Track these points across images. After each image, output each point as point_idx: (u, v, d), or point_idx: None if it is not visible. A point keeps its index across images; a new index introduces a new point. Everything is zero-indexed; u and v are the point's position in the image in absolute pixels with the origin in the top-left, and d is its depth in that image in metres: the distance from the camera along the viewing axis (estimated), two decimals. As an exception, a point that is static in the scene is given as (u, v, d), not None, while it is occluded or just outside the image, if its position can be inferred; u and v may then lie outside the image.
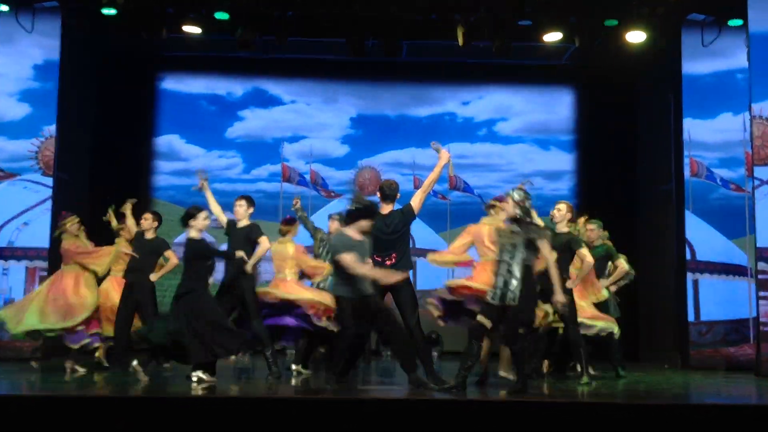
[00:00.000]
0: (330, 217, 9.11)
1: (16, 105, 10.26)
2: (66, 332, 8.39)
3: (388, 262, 7.22)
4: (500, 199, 7.67)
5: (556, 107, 12.90)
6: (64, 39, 10.29)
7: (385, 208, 7.45)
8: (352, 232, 6.90)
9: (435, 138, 12.56)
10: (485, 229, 7.69)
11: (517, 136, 12.84)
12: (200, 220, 7.51)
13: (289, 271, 8.45)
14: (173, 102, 12.69)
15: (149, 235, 8.69)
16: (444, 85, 12.94)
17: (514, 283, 6.67)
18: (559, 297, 6.82)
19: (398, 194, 7.58)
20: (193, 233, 7.47)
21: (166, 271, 8.48)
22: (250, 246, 7.94)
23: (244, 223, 8.15)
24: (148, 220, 8.76)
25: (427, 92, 12.95)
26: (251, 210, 8.19)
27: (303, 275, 8.72)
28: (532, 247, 6.74)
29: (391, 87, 12.91)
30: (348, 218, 6.96)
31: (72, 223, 8.67)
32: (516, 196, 6.88)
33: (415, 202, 7.43)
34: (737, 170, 10.46)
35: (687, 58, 10.59)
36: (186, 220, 7.49)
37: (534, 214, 7.10)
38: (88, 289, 8.51)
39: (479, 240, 7.73)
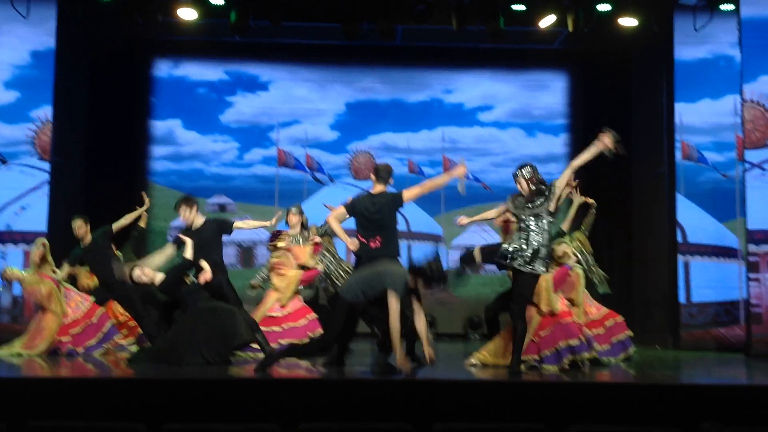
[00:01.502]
0: (288, 210, 8.98)
1: (11, 90, 10.28)
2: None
3: (372, 245, 7.19)
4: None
5: (549, 91, 12.95)
6: (59, 25, 10.29)
7: (376, 188, 7.42)
8: None
9: (428, 122, 12.78)
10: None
11: (510, 121, 12.89)
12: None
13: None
14: (168, 87, 12.70)
15: (87, 240, 8.72)
16: (437, 70, 12.96)
17: (529, 251, 6.84)
18: None
19: (391, 180, 7.52)
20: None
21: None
22: (208, 244, 7.86)
23: (198, 224, 8.01)
24: (81, 228, 8.73)
25: (420, 76, 12.98)
26: (194, 208, 8.04)
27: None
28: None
29: (384, 72, 12.93)
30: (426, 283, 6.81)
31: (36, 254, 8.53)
32: (525, 173, 7.09)
33: (408, 194, 7.35)
34: (728, 154, 10.57)
35: (679, 43, 10.66)
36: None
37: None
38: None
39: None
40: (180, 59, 12.73)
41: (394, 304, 6.54)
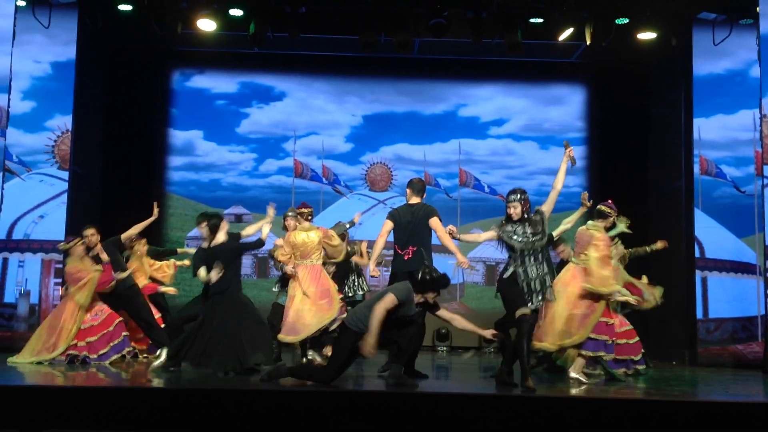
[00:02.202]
0: (285, 215, 8.99)
1: (31, 100, 10.37)
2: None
3: (406, 257, 7.60)
4: (609, 205, 7.83)
5: (567, 104, 12.94)
6: (80, 35, 10.40)
7: (413, 199, 7.85)
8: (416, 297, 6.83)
9: (444, 134, 12.78)
10: (589, 232, 7.75)
11: (526, 133, 12.88)
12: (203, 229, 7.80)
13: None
14: (186, 97, 12.79)
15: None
16: (453, 82, 12.98)
17: (548, 280, 6.94)
18: None
19: (425, 193, 7.94)
20: (222, 236, 7.71)
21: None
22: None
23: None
24: (94, 236, 8.67)
25: (437, 89, 13.01)
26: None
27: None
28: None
29: (401, 83, 12.97)
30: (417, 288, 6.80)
31: (77, 245, 8.47)
32: (521, 200, 7.15)
33: (435, 223, 7.75)
34: (746, 169, 10.50)
35: (698, 57, 10.63)
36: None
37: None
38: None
39: (582, 243, 7.73)
40: (198, 70, 12.82)
41: (386, 300, 6.55)
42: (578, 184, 12.64)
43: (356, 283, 9.85)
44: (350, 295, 9.43)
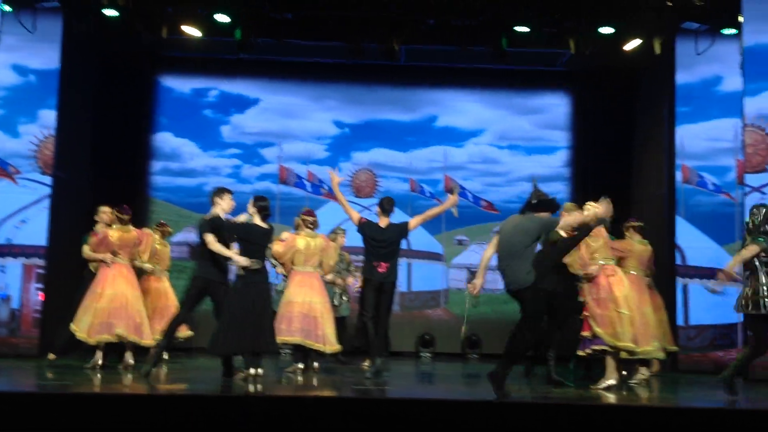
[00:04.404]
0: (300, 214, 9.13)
1: (15, 104, 10.31)
2: None
3: (379, 270, 8.16)
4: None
5: (551, 113, 13.00)
6: (65, 39, 10.36)
7: (383, 221, 8.32)
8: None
9: (429, 140, 12.82)
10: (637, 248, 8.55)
11: (512, 141, 12.93)
12: (226, 200, 7.83)
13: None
14: (172, 102, 12.77)
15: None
16: (439, 89, 13.02)
17: None
18: None
19: (394, 210, 8.43)
20: (218, 212, 7.76)
21: None
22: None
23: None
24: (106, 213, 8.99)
25: (423, 96, 13.04)
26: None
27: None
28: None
29: (387, 90, 13.00)
30: (530, 210, 7.06)
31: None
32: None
33: (413, 224, 8.38)
34: (728, 177, 10.59)
35: (681, 66, 10.72)
36: (213, 196, 7.84)
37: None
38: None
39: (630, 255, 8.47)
40: (184, 75, 12.81)
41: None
42: (563, 192, 12.70)
43: (341, 300, 9.94)
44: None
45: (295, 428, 5.80)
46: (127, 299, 8.47)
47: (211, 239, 7.62)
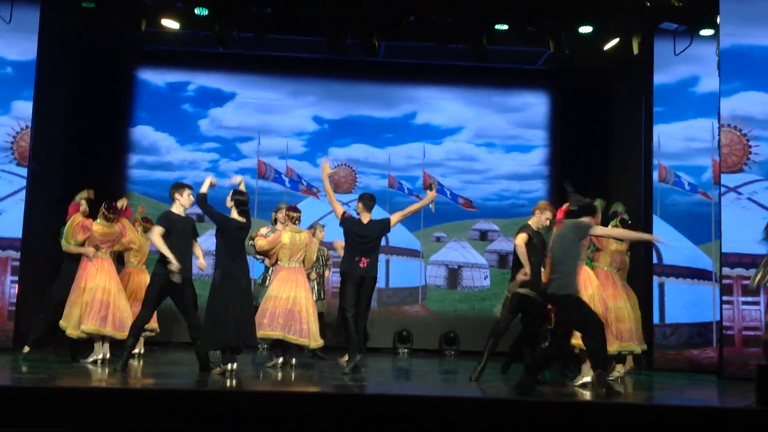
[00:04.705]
0: (277, 209, 9.21)
1: (-9, 95, 10.21)
2: None
3: (360, 265, 8.23)
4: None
5: (530, 111, 13.05)
6: (42, 31, 10.23)
7: (365, 218, 8.35)
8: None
9: (408, 137, 12.83)
10: (612, 245, 8.58)
11: (491, 139, 12.96)
12: (185, 196, 7.73)
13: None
14: (150, 96, 12.68)
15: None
16: (419, 86, 13.02)
17: None
18: None
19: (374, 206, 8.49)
20: (175, 208, 7.81)
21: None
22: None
23: None
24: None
25: (402, 92, 13.04)
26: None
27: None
28: None
29: (366, 86, 12.98)
30: (571, 216, 7.35)
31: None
32: None
33: (394, 220, 8.45)
34: (704, 177, 10.69)
35: (659, 66, 10.79)
36: (172, 192, 7.87)
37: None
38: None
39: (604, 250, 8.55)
40: (162, 68, 12.71)
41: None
42: (541, 190, 12.76)
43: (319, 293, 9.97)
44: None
45: (274, 423, 5.79)
46: (110, 293, 8.44)
47: (156, 232, 7.69)
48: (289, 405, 6.03)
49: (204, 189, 7.82)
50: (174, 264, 7.54)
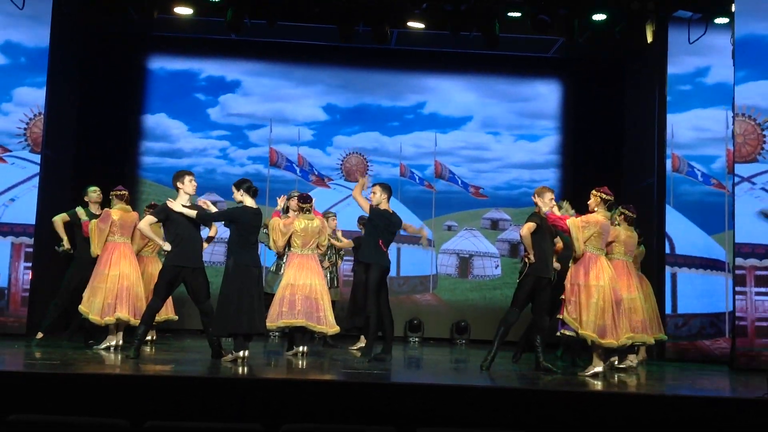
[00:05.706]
0: (289, 196, 9.18)
1: (4, 81, 10.22)
2: None
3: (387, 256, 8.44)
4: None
5: (542, 99, 12.99)
6: (54, 17, 10.24)
7: (386, 206, 8.46)
8: None
9: (419, 125, 12.81)
10: (623, 235, 8.45)
11: (503, 128, 12.92)
12: (187, 183, 7.93)
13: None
14: (162, 82, 12.68)
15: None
16: (430, 74, 12.99)
17: None
18: None
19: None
20: (180, 198, 7.98)
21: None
22: None
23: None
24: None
25: (413, 80, 13.00)
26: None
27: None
28: None
29: (378, 74, 12.95)
30: None
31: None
32: None
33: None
34: (718, 167, 10.63)
35: (673, 54, 10.71)
36: (174, 181, 8.00)
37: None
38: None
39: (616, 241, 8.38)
40: (174, 55, 12.71)
41: None
42: (553, 179, 12.72)
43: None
44: None
45: (286, 411, 5.81)
46: (131, 281, 8.45)
47: (145, 219, 7.91)
48: (302, 392, 6.05)
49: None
50: (165, 244, 7.87)
